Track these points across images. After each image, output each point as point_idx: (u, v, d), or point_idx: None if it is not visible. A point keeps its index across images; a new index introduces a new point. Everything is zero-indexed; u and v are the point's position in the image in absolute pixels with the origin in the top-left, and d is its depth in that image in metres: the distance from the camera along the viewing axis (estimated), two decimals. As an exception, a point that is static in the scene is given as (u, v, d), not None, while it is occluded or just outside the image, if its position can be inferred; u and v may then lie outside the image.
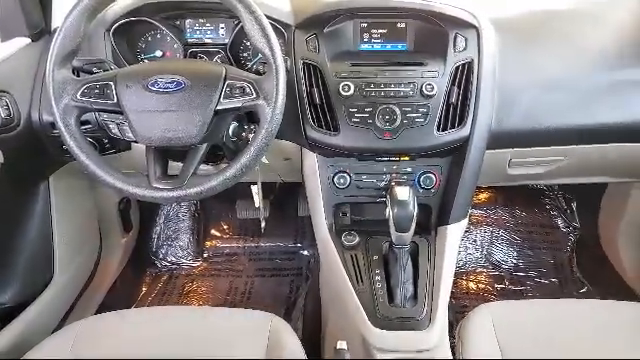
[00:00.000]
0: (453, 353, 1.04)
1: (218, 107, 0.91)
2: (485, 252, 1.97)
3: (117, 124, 1.00)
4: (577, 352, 1.02)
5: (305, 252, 1.97)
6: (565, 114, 1.18)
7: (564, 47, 1.24)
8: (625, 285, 1.70)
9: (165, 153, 0.99)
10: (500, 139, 1.18)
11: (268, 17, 1.10)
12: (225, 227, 2.06)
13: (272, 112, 0.91)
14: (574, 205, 2.02)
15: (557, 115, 1.18)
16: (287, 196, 1.97)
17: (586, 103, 1.19)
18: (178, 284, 1.87)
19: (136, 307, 1.75)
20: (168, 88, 0.92)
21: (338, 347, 0.88)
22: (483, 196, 2.11)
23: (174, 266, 1.95)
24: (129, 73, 0.95)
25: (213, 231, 2.06)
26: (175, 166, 0.99)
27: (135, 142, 1.09)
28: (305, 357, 0.99)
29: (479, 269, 1.93)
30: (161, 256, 1.98)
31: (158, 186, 0.92)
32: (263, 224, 1.39)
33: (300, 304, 1.69)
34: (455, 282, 1.87)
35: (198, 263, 1.96)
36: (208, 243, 2.03)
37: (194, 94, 0.91)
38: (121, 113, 0.93)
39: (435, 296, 1.04)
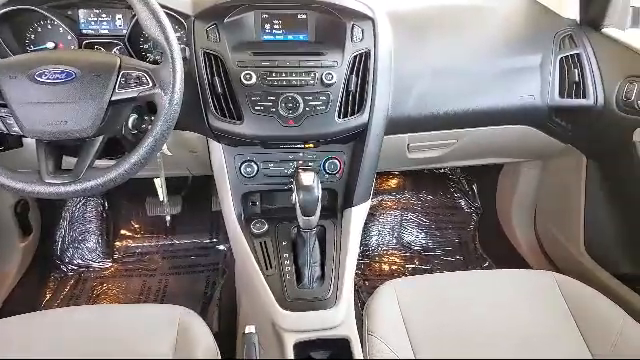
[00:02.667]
0: (362, 330, 1.09)
1: (113, 97, 0.89)
2: (396, 235, 2.07)
3: (0, 118, 0.94)
4: (474, 317, 1.11)
5: (221, 247, 1.95)
6: (455, 100, 1.27)
7: (455, 38, 1.34)
8: (519, 257, 1.86)
9: (58, 147, 0.95)
10: (397, 124, 1.24)
11: (165, 7, 1.09)
12: (136, 226, 1.99)
13: (170, 101, 0.90)
14: (475, 187, 2.18)
15: (448, 101, 1.26)
16: (200, 191, 1.94)
17: (475, 89, 1.29)
18: (87, 287, 1.78)
19: None
20: (57, 79, 0.88)
21: (246, 332, 0.89)
22: (393, 182, 2.21)
23: (82, 269, 1.85)
24: (12, 63, 0.89)
25: (123, 231, 1.98)
26: (73, 162, 0.95)
27: (24, 137, 1.03)
28: (216, 348, 1.00)
29: (391, 251, 2.02)
30: (67, 259, 1.87)
31: (50, 181, 0.88)
32: (168, 218, 1.36)
33: (216, 298, 1.68)
34: (368, 265, 1.95)
35: (108, 264, 1.88)
36: (118, 243, 1.95)
37: (86, 85, 0.88)
38: (4, 106, 0.88)
39: (341, 275, 1.08)
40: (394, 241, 2.05)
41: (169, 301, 1.73)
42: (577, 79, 1.31)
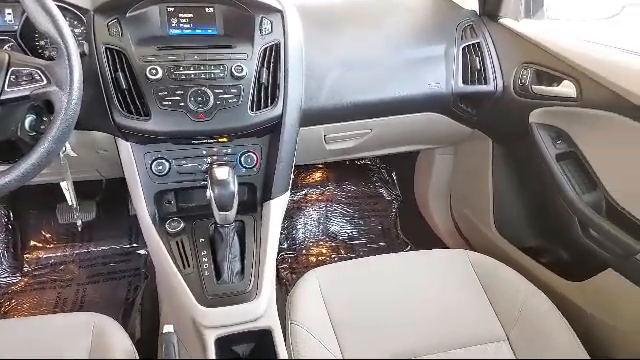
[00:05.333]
0: (285, 320, 1.09)
1: (2, 97, 0.82)
2: (322, 226, 2.10)
3: None
4: (393, 298, 1.16)
5: (142, 251, 1.87)
6: (367, 90, 1.31)
7: (364, 30, 1.37)
8: (438, 239, 1.96)
9: None
10: (312, 116, 1.26)
11: (61, 1, 1.03)
12: (47, 235, 1.87)
13: (68, 99, 0.85)
14: (394, 175, 2.26)
15: (359, 91, 1.30)
16: (116, 195, 1.85)
17: (384, 79, 1.33)
18: (-8, 305, 1.66)
19: None
20: None
21: (164, 332, 0.87)
22: (316, 175, 2.25)
23: (-14, 286, 1.72)
24: None
25: (33, 241, 1.85)
26: None
27: None
28: (134, 350, 0.96)
29: (317, 242, 2.05)
30: None
31: None
32: (79, 223, 1.30)
33: (138, 303, 1.62)
34: (295, 258, 1.96)
35: (17, 279, 1.75)
36: (28, 255, 1.82)
37: None
38: None
39: (261, 267, 1.08)
40: (320, 232, 2.08)
41: (88, 311, 1.65)
42: (478, 67, 1.39)
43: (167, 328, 0.87)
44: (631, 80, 1.07)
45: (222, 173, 1.02)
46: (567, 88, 1.25)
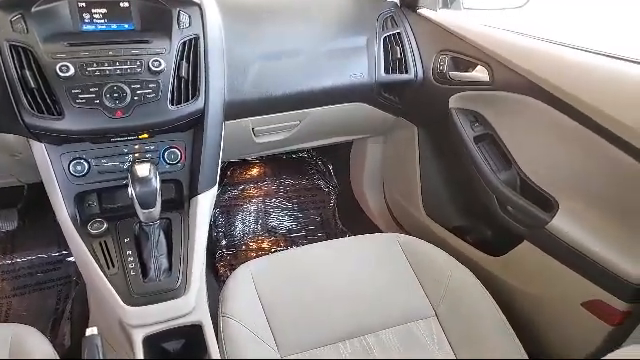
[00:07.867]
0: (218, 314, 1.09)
1: None
2: (261, 222, 2.10)
3: None
4: (326, 283, 1.18)
5: (71, 258, 1.80)
6: (291, 81, 1.32)
7: (286, 22, 1.38)
8: (374, 225, 2.00)
9: None
10: (236, 109, 1.25)
11: None
12: None
13: None
14: (331, 167, 2.29)
15: (284, 83, 1.30)
16: (40, 201, 1.76)
17: (309, 70, 1.34)
18: None
19: None
20: None
21: (87, 334, 0.84)
22: (253, 171, 2.24)
23: None
24: None
25: None
26: None
27: None
28: (55, 356, 0.93)
29: (257, 238, 2.04)
30: None
31: None
32: None
33: (68, 311, 1.56)
34: (235, 254, 1.95)
35: None
36: None
37: None
38: None
39: (189, 263, 1.07)
40: (259, 228, 2.08)
41: None
42: (399, 56, 1.43)
43: (90, 331, 0.85)
44: (537, 63, 1.14)
45: (143, 170, 1.00)
46: (481, 73, 1.31)
